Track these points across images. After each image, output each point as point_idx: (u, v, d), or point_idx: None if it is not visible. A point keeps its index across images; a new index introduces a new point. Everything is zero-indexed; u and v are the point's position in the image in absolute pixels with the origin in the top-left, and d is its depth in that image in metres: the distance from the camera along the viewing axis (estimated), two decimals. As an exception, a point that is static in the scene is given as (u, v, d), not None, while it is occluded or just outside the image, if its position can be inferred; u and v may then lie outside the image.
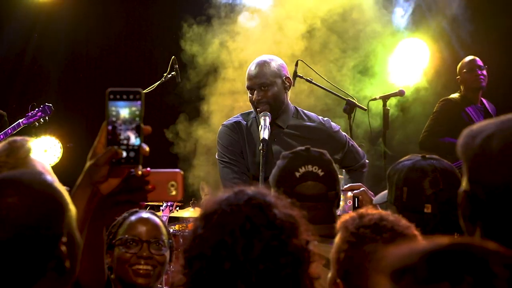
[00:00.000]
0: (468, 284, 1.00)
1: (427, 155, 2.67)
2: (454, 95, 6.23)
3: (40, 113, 6.65)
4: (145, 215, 2.79)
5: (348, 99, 4.86)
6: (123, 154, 1.61)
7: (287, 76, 4.17)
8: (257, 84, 4.08)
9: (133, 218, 2.77)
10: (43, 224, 1.43)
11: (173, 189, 1.66)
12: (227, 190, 1.68)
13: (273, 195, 1.66)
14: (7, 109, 6.71)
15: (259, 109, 4.07)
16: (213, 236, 1.59)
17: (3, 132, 6.36)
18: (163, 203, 5.96)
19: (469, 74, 6.15)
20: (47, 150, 7.87)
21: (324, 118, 4.30)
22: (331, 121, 4.28)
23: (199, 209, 1.70)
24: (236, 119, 4.23)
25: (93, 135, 1.64)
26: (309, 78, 4.94)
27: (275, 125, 4.09)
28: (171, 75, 5.61)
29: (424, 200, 2.55)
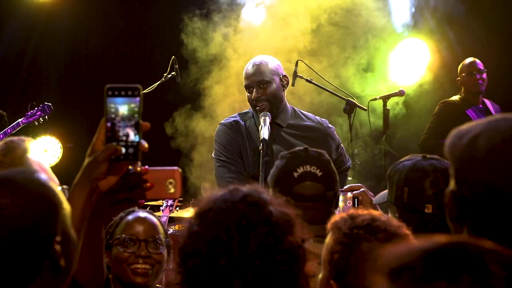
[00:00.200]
0: (465, 283, 1.00)
1: (427, 155, 2.67)
2: (454, 97, 6.25)
3: (39, 112, 6.65)
4: (142, 214, 2.79)
5: (348, 99, 4.86)
6: (122, 150, 1.60)
7: (284, 74, 4.21)
8: (255, 82, 4.11)
9: (130, 217, 2.77)
10: (36, 224, 1.42)
11: (171, 186, 1.66)
12: (223, 188, 1.67)
13: (268, 193, 1.65)
14: (7, 109, 6.71)
15: (258, 107, 4.08)
16: (209, 233, 1.58)
17: (2, 132, 6.35)
18: (163, 203, 5.95)
19: (468, 77, 6.16)
20: (47, 150, 7.87)
21: (321, 118, 4.32)
22: (327, 121, 4.31)
23: (195, 207, 1.69)
24: (234, 118, 4.24)
25: (93, 135, 1.63)
26: (309, 78, 4.94)
27: (275, 124, 4.10)
28: (171, 75, 5.61)
29: (425, 200, 2.54)
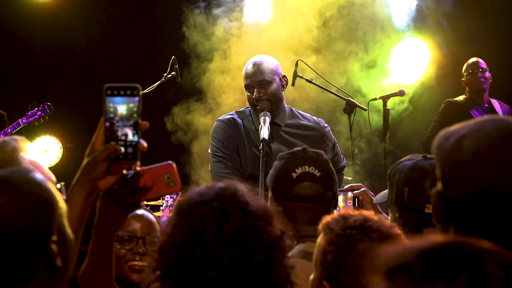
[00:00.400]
0: (462, 283, 0.99)
1: (428, 155, 2.67)
2: (459, 97, 6.34)
3: (39, 112, 6.64)
4: (139, 211, 2.78)
5: (348, 99, 4.86)
6: (121, 150, 1.60)
7: (283, 74, 4.24)
8: (256, 82, 4.13)
9: None
10: (32, 223, 1.42)
11: (170, 181, 1.66)
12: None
13: (245, 187, 1.65)
14: (7, 109, 6.71)
15: (259, 107, 4.10)
16: (184, 224, 1.58)
17: (2, 132, 6.35)
18: (163, 203, 5.95)
19: (470, 76, 6.27)
20: (47, 150, 7.86)
21: (318, 118, 4.35)
22: (324, 121, 4.34)
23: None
24: (231, 115, 4.25)
25: (93, 135, 1.63)
26: (309, 78, 4.95)
27: (274, 124, 4.11)
28: (171, 75, 5.61)
29: (425, 200, 2.53)
